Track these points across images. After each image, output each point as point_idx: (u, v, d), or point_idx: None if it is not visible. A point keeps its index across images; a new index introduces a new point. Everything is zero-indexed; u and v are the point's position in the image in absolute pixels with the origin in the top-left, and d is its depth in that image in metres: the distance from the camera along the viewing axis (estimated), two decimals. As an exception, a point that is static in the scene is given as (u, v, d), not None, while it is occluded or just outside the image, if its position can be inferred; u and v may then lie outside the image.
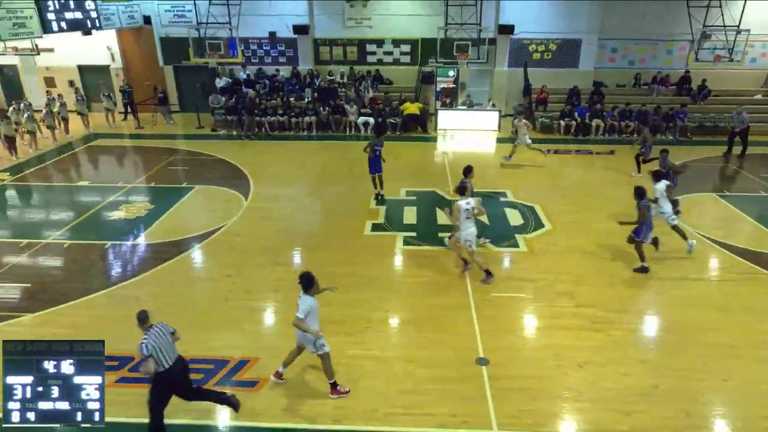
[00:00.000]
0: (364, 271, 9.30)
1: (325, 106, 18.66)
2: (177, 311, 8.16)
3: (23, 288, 8.83)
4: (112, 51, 21.13)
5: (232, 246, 10.30)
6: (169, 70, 21.29)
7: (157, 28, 20.63)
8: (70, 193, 13.53)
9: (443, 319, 7.95)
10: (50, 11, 16.17)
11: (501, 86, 20.60)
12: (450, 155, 16.29)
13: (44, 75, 21.47)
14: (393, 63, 20.85)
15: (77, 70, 21.51)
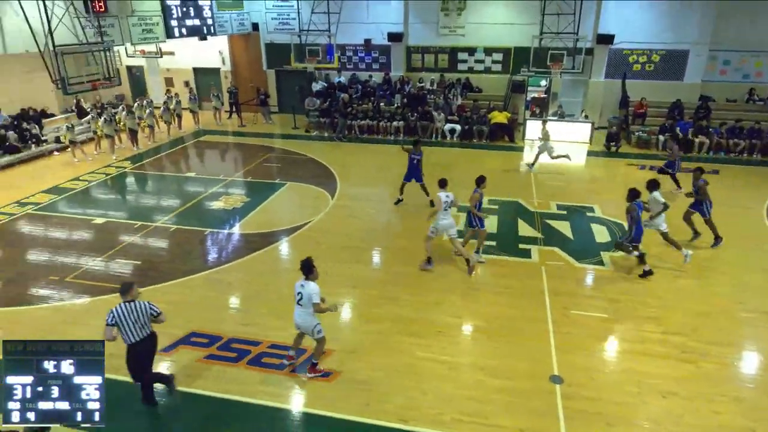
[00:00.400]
0: (440, 275, 9.25)
1: (414, 112, 18.80)
2: (263, 298, 8.62)
3: (134, 265, 9.76)
4: (223, 55, 22.76)
5: (317, 241, 10.67)
6: (272, 74, 22.53)
7: (263, 35, 21.92)
8: (179, 182, 14.73)
9: (518, 330, 7.72)
10: (174, 18, 17.76)
11: (596, 97, 19.59)
12: (536, 166, 15.75)
13: (165, 75, 23.58)
14: (484, 71, 20.56)
15: (192, 72, 23.41)
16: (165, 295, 8.70)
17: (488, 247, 10.28)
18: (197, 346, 7.39)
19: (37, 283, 9.07)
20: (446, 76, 20.57)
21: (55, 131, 17.81)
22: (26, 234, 11.21)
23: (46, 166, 15.93)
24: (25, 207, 12.53)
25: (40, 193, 13.43)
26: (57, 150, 17.11)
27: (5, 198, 13.05)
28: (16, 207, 12.52)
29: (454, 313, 8.14)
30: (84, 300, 8.62)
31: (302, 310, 6.50)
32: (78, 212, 12.28)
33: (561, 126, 18.26)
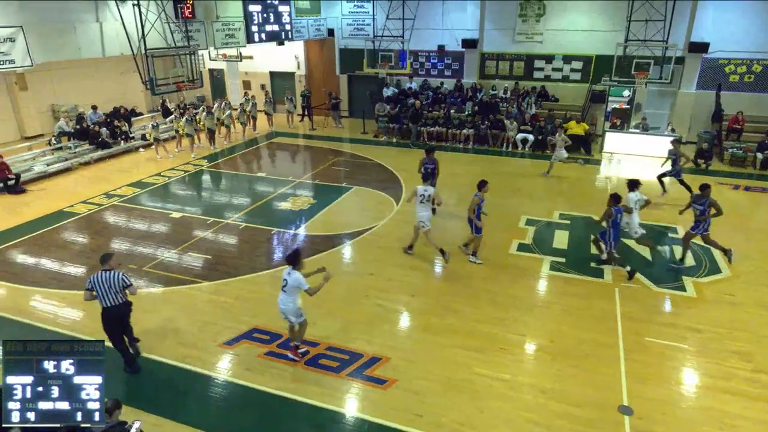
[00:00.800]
0: (504, 289, 9.03)
1: (485, 120, 18.54)
2: (323, 299, 8.77)
3: (205, 259, 10.29)
4: (299, 60, 23.58)
5: (378, 246, 10.75)
6: (344, 79, 23.06)
7: (338, 40, 22.50)
8: (250, 181, 15.39)
9: (585, 354, 7.35)
10: (254, 24, 18.64)
11: (684, 110, 18.38)
12: (614, 180, 15.01)
13: (243, 79, 24.79)
14: (561, 80, 19.91)
15: (269, 76, 24.44)
16: (231, 290, 9.09)
17: (558, 263, 9.91)
18: (258, 342, 7.65)
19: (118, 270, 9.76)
20: (521, 84, 20.13)
21: (142, 129, 19.20)
22: (111, 224, 12.14)
23: (132, 161, 17.20)
24: (112, 198, 13.58)
25: (126, 186, 14.51)
26: (142, 147, 18.42)
27: (95, 189, 14.21)
28: (104, 198, 13.60)
29: (517, 330, 7.89)
30: (158, 289, 9.19)
31: (285, 296, 6.86)
32: (157, 206, 13.13)
33: (644, 139, 17.30)
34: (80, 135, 17.31)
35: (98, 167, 16.47)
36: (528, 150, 17.82)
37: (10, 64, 13.05)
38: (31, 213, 12.61)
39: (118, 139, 17.90)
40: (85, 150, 17.00)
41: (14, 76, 17.95)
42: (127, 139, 18.23)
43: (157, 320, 8.24)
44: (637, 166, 16.38)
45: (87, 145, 17.17)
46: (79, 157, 16.59)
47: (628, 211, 9.43)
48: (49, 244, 10.95)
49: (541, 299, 8.87)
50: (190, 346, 7.58)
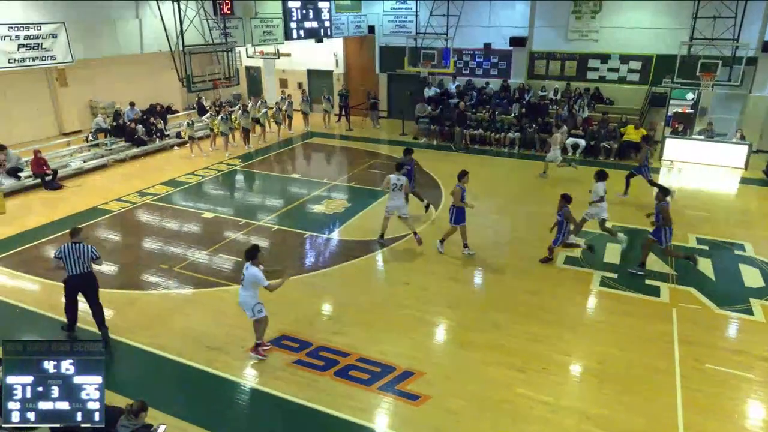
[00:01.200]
0: (550, 305, 8.84)
1: (533, 123, 18.25)
2: (356, 308, 8.82)
3: (235, 261, 10.50)
4: (337, 57, 23.89)
5: (415, 254, 10.72)
6: (384, 78, 23.19)
7: (378, 38, 22.67)
8: (283, 183, 15.65)
9: (637, 379, 7.10)
10: (293, 20, 19.02)
11: (757, 115, 17.58)
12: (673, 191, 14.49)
13: (280, 77, 25.31)
14: (617, 81, 19.42)
15: (306, 74, 24.85)
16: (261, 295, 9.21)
17: (609, 279, 9.63)
18: (287, 349, 7.74)
19: (149, 270, 10.13)
20: (573, 86, 19.74)
21: (177, 127, 19.85)
22: (144, 222, 12.58)
23: (166, 159, 17.79)
24: (145, 197, 14.08)
25: (159, 184, 15.02)
26: (177, 145, 19.04)
27: (129, 187, 14.77)
28: (138, 196, 14.12)
29: (562, 350, 7.71)
30: (188, 291, 9.44)
31: (243, 291, 7.26)
32: (190, 205, 13.53)
33: (709, 147, 16.65)
34: (117, 132, 18.04)
35: (133, 164, 17.11)
36: (579, 156, 17.43)
37: (51, 60, 13.75)
38: (67, 209, 13.21)
39: (153, 137, 18.56)
40: (120, 147, 17.71)
41: (55, 72, 18.92)
42: (162, 136, 18.88)
43: (185, 322, 8.46)
44: (700, 176, 15.77)
45: (123, 142, 17.88)
46: (115, 154, 17.29)
47: (599, 200, 10.66)
48: (82, 241, 11.43)
49: (589, 317, 8.64)
50: (217, 350, 7.75)
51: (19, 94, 18.45)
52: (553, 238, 10.17)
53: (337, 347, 7.73)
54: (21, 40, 12.83)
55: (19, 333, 8.22)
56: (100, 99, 20.58)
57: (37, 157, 14.69)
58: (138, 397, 5.62)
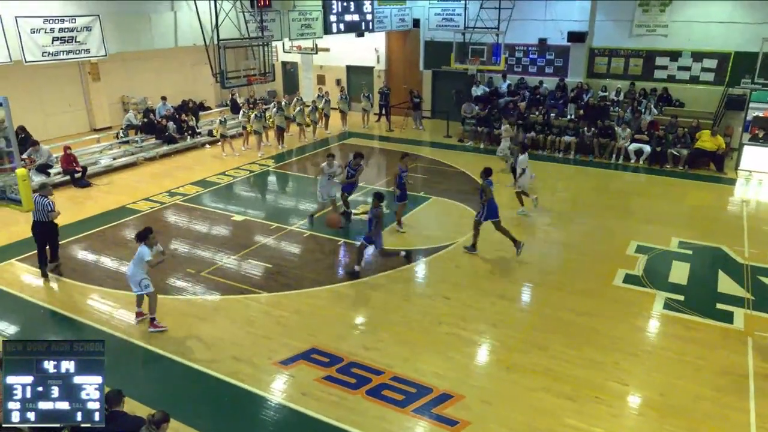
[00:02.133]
0: (606, 328, 8.63)
1: (591, 127, 17.91)
2: (391, 322, 8.82)
3: (265, 267, 10.69)
4: (379, 53, 24.09)
5: (458, 266, 10.66)
6: (428, 75, 23.23)
7: (423, 32, 22.74)
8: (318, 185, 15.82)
9: (704, 415, 6.82)
10: (333, 13, 19.29)
11: None
12: (752, 205, 13.92)
13: (317, 73, 25.72)
14: (689, 81, 18.85)
15: (345, 70, 25.16)
16: (291, 304, 9.37)
17: (674, 301, 9.33)
18: (317, 364, 7.81)
19: (176, 274, 10.42)
20: (637, 86, 19.27)
21: (209, 124, 20.41)
22: (172, 224, 12.96)
23: (197, 158, 18.32)
24: (174, 197, 14.52)
25: (189, 184, 15.46)
26: (209, 143, 19.57)
27: (158, 186, 15.27)
28: (167, 196, 14.57)
29: (618, 378, 7.49)
30: (215, 297, 9.66)
31: (132, 266, 8.45)
32: (219, 207, 13.86)
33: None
34: (147, 129, 18.70)
35: (163, 163, 17.69)
36: (643, 163, 16.99)
37: (85, 53, 14.39)
38: (95, 208, 13.76)
39: (184, 134, 19.15)
40: (151, 145, 18.34)
41: (88, 65, 19.81)
42: (193, 134, 19.46)
43: (210, 330, 8.66)
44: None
45: (153, 140, 18.51)
46: (145, 152, 17.92)
47: (522, 173, 12.77)
48: (109, 242, 11.88)
49: (650, 343, 8.40)
50: (243, 361, 7.88)
51: (52, 88, 19.41)
52: None
53: (370, 364, 7.74)
54: (55, 33, 13.48)
55: (44, 334, 8.58)
56: (132, 94, 21.41)
57: (67, 154, 15.38)
58: (160, 407, 5.76)
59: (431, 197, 14.34)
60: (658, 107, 18.55)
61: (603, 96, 19.48)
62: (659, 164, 16.89)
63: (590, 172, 16.60)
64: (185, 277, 10.32)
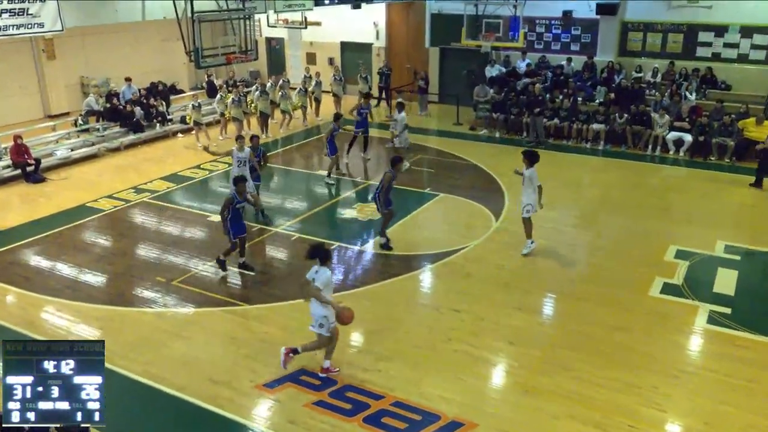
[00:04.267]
0: (641, 345, 8.63)
1: (624, 113, 17.92)
2: (393, 338, 8.82)
3: (247, 276, 10.67)
4: (378, 27, 24.10)
5: (469, 274, 10.66)
6: (435, 53, 23.23)
7: (429, 4, 22.75)
8: (308, 181, 15.84)
9: (755, 446, 6.82)
10: (325, -19, 19.29)
11: None
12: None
13: (307, 50, 25.72)
14: (737, 60, 18.87)
15: (339, 47, 25.16)
16: (277, 318, 9.37)
17: (720, 315, 9.33)
18: (306, 387, 7.80)
19: (143, 283, 10.42)
20: (677, 65, 19.29)
21: (182, 110, 20.39)
22: (139, 225, 12.97)
23: (168, 148, 18.32)
24: (142, 194, 14.52)
25: (159, 179, 15.46)
26: (181, 132, 19.57)
27: (123, 182, 15.27)
28: (133, 193, 14.57)
29: (655, 403, 7.49)
30: (188, 309, 9.66)
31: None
32: (194, 206, 13.87)
33: None
34: (111, 115, 18.70)
35: (128, 154, 17.69)
36: (684, 155, 16.99)
37: (38, 27, 14.36)
38: (50, 206, 13.75)
39: (153, 122, 19.15)
40: (114, 133, 18.35)
41: (42, 42, 19.79)
42: (163, 121, 19.46)
43: (184, 348, 8.65)
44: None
45: (117, 128, 18.51)
46: (108, 142, 17.92)
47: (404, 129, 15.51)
48: (66, 246, 11.87)
49: (693, 363, 8.41)
50: (221, 384, 7.88)
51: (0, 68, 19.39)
52: None
53: (369, 387, 7.73)
54: (3, 4, 13.45)
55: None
56: (92, 76, 21.40)
57: (18, 144, 15.36)
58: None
59: (439, 194, 14.34)
60: (701, 90, 18.55)
61: (637, 77, 19.47)
62: (702, 156, 16.89)
63: (622, 165, 16.60)
64: (154, 287, 10.31)
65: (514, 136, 19.16)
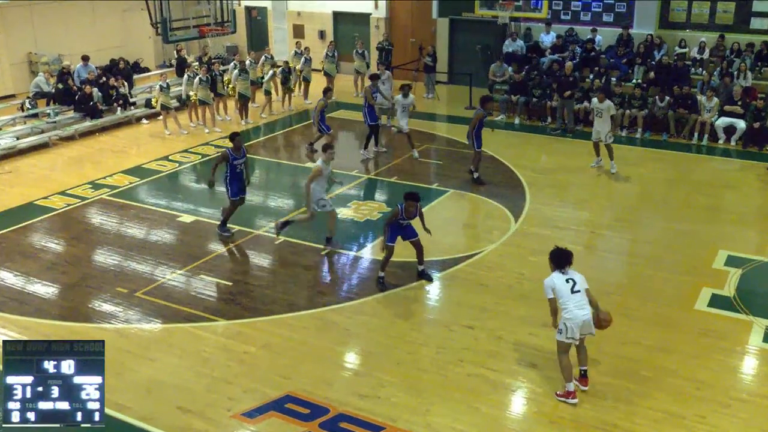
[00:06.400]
0: (685, 367, 8.62)
1: (665, 95, 17.93)
2: (393, 359, 8.80)
3: (223, 286, 10.66)
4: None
5: (484, 284, 10.64)
6: (444, 25, 23.22)
7: (438, -34, 22.78)
8: (296, 174, 15.79)
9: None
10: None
11: None
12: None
13: (294, 22, 25.69)
14: (799, 33, 18.88)
15: (331, 18, 25.13)
16: (258, 335, 9.35)
17: None
18: (293, 416, 7.78)
19: (101, 294, 10.41)
20: (728, 39, 19.29)
21: (148, 92, 20.36)
22: (97, 226, 12.94)
23: (131, 137, 18.31)
24: (100, 190, 14.51)
25: (120, 173, 15.45)
26: (146, 117, 19.55)
27: (78, 176, 15.26)
28: (89, 189, 14.56)
29: None
30: (154, 326, 9.64)
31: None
32: (162, 204, 13.86)
33: None
34: (63, 97, 18.67)
35: (84, 144, 17.67)
36: (736, 144, 16.99)
37: (-22, -5, 14.39)
38: (-8, 205, 13.75)
39: (113, 105, 19.14)
40: (68, 119, 18.33)
41: (-17, 13, 19.78)
42: (125, 105, 19.45)
43: (150, 371, 8.63)
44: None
45: (71, 113, 18.48)
46: (60, 129, 17.91)
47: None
48: (12, 251, 11.84)
49: (745, 389, 8.40)
50: (193, 413, 7.85)
51: (-66, 43, 19.37)
52: None
53: (366, 417, 7.71)
54: (-61, -33, 13.48)
55: None
56: (42, 52, 21.37)
57: (-45, 132, 15.37)
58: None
59: (448, 190, 14.33)
60: (756, 69, 18.56)
61: (681, 53, 19.48)
62: (757, 146, 16.90)
63: (664, 157, 16.61)
64: (115, 299, 10.29)
65: (537, 122, 19.16)
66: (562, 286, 7.83)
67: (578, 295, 7.82)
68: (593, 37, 20.52)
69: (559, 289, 7.83)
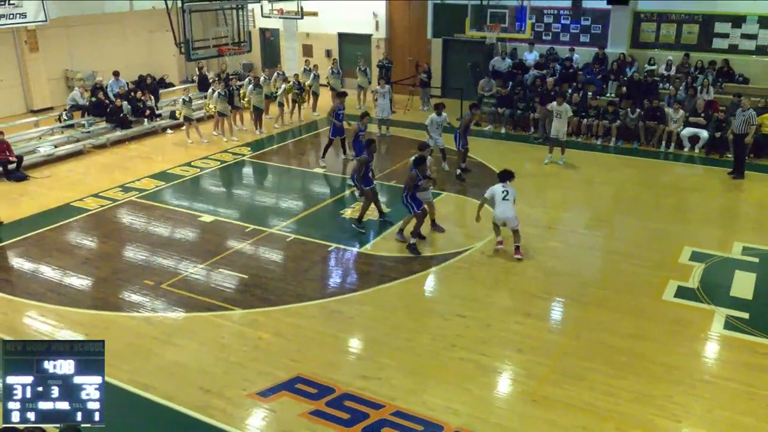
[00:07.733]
0: (655, 353, 8.60)
1: (636, 107, 17.91)
2: (393, 345, 8.79)
3: (239, 278, 10.65)
4: (378, 18, 24.07)
5: (474, 278, 10.64)
6: (438, 45, 23.21)
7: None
8: (304, 179, 15.80)
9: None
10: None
11: None
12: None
13: (303, 42, 25.67)
14: (755, 52, 18.85)
15: (337, 39, 25.12)
16: (271, 323, 9.34)
17: (738, 320, 9.33)
18: (302, 396, 7.78)
19: (130, 286, 10.39)
20: (693, 57, 19.28)
21: (172, 104, 20.36)
22: (126, 225, 12.93)
23: (157, 145, 18.29)
24: (129, 193, 14.49)
25: (147, 178, 15.43)
26: (171, 127, 19.53)
27: (109, 180, 15.24)
28: (120, 192, 14.54)
29: (671, 414, 7.48)
30: (178, 314, 9.62)
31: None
32: (184, 205, 13.84)
33: None
34: (96, 110, 18.67)
35: (115, 152, 17.65)
36: (699, 152, 16.97)
37: (21, 18, 14.37)
38: (33, 206, 13.72)
39: (141, 117, 19.12)
40: (100, 129, 18.31)
41: (24, 33, 19.77)
42: (152, 116, 19.42)
43: (173, 355, 8.62)
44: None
45: (103, 123, 18.47)
46: (94, 138, 17.89)
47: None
48: (50, 247, 11.85)
49: (709, 372, 8.39)
50: (212, 393, 7.85)
51: (-20, 61, 19.35)
52: None
53: (368, 396, 7.71)
54: (-16, -7, 13.48)
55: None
56: (77, 69, 21.37)
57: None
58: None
59: (442, 193, 14.31)
60: (718, 84, 18.53)
61: (650, 70, 19.46)
62: (719, 153, 16.86)
63: (635, 163, 16.59)
64: (142, 291, 10.28)
65: (522, 132, 19.16)
66: (498, 193, 10.78)
67: (506, 202, 10.69)
68: (571, 56, 20.52)
69: (495, 193, 10.83)
